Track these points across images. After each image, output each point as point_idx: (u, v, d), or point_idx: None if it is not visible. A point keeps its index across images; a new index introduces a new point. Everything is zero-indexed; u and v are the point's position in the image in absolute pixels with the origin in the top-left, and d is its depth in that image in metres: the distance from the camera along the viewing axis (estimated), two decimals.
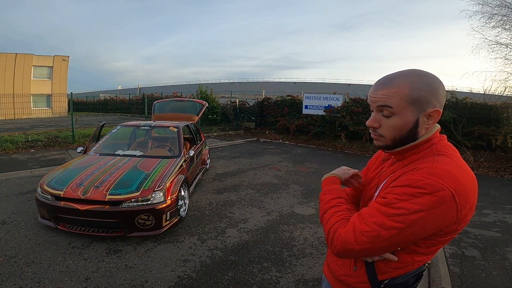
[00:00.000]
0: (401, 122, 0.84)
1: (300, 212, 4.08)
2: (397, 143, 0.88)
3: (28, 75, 22.44)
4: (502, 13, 8.06)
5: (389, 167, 0.99)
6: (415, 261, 0.87)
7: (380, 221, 0.78)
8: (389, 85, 0.84)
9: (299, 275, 2.63)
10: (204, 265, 2.71)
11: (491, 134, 7.58)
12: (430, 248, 0.84)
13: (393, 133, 0.87)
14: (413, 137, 0.87)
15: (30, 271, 2.50)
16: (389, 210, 0.78)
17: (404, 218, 0.75)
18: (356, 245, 0.80)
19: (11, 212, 3.73)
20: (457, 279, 2.69)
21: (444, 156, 0.82)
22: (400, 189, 0.79)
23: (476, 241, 3.44)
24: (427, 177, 0.75)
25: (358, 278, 0.94)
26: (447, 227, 0.77)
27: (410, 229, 0.76)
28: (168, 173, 3.49)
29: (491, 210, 4.47)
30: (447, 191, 0.73)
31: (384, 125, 0.87)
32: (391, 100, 0.83)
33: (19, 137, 8.60)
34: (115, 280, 2.43)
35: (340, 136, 9.91)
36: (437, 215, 0.74)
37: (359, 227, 0.81)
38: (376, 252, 0.83)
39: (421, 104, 0.82)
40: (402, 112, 0.83)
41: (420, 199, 0.74)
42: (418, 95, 0.81)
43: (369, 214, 0.81)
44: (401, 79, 0.83)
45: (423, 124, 0.85)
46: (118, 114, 21.90)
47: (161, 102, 6.48)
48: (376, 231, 0.78)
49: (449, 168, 0.77)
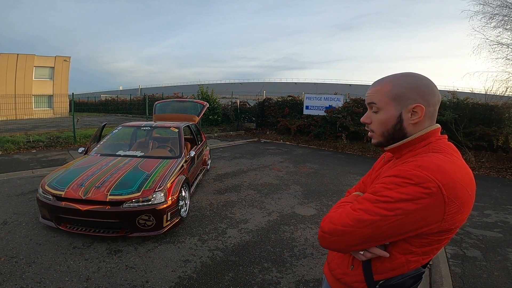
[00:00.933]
0: (385, 116, 0.91)
1: (301, 213, 4.07)
2: (388, 138, 0.93)
3: (30, 75, 22.52)
4: (503, 13, 8.05)
5: (389, 167, 0.99)
6: (410, 261, 0.86)
7: (365, 207, 0.82)
8: (376, 84, 0.94)
9: (300, 275, 2.63)
10: (205, 265, 2.71)
11: (493, 134, 7.55)
12: (424, 247, 0.84)
13: (381, 128, 0.93)
14: (400, 132, 0.91)
15: (31, 271, 2.51)
16: (374, 197, 0.82)
17: (388, 205, 0.78)
18: (339, 225, 0.84)
19: (12, 212, 3.74)
20: (459, 280, 2.69)
21: (439, 153, 0.83)
22: (388, 179, 0.82)
23: (477, 242, 3.43)
24: (413, 169, 0.78)
25: (355, 277, 0.95)
26: (435, 223, 0.77)
27: (393, 217, 0.77)
28: (169, 174, 3.49)
29: (493, 210, 4.46)
30: (433, 183, 0.74)
31: (373, 120, 0.95)
32: (375, 97, 0.93)
33: (21, 138, 8.64)
34: (116, 280, 2.43)
35: (341, 136, 9.91)
36: (422, 208, 0.75)
37: (346, 210, 0.87)
38: (357, 240, 0.83)
39: (401, 100, 0.88)
40: (385, 107, 0.91)
41: (405, 189, 0.77)
42: (398, 91, 0.88)
43: (358, 202, 0.86)
44: (387, 79, 0.92)
45: (407, 120, 0.89)
46: (119, 114, 21.97)
47: (162, 102, 6.49)
48: (359, 215, 0.82)
49: (439, 162, 0.78)
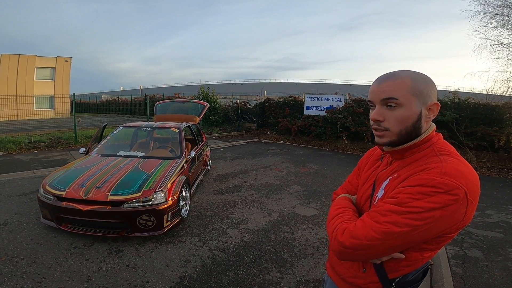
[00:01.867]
0: (407, 113, 0.85)
1: (301, 213, 4.07)
2: (403, 137, 0.88)
3: (31, 76, 22.58)
4: (504, 13, 8.03)
5: (387, 167, 0.98)
6: (424, 257, 0.88)
7: (392, 219, 0.78)
8: (393, 78, 0.87)
9: (300, 275, 2.62)
10: (205, 265, 2.71)
11: (494, 134, 7.53)
12: (439, 244, 0.86)
13: (399, 126, 0.87)
14: (417, 131, 0.88)
15: (32, 271, 2.51)
16: (402, 208, 0.78)
17: (419, 216, 0.76)
18: (365, 240, 0.80)
19: (13, 213, 3.75)
20: (459, 280, 2.68)
21: (448, 156, 0.84)
22: (413, 189, 0.79)
23: (478, 242, 3.41)
24: (440, 177, 0.77)
25: (368, 278, 0.94)
26: (457, 223, 0.78)
27: (423, 227, 0.76)
28: (170, 174, 3.49)
29: (494, 210, 4.44)
30: (461, 189, 0.75)
31: (389, 118, 0.87)
32: (396, 92, 0.85)
33: (22, 138, 8.66)
34: (116, 280, 2.43)
35: (342, 137, 9.89)
36: (450, 213, 0.75)
37: (369, 223, 0.81)
38: (383, 251, 0.82)
39: (422, 96, 0.85)
40: (408, 103, 0.85)
41: (435, 198, 0.75)
42: (420, 87, 0.85)
43: (380, 213, 0.81)
44: (403, 73, 0.87)
45: (425, 117, 0.88)
46: (120, 115, 22.01)
47: (163, 103, 6.49)
48: (388, 228, 0.78)
49: (459, 167, 0.79)
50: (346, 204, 1.04)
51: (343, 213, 0.97)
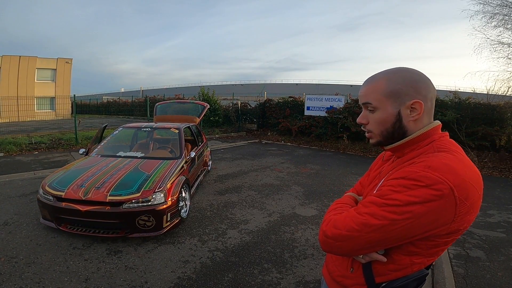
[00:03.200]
0: (383, 115, 0.87)
1: (301, 213, 4.05)
2: (387, 137, 0.89)
3: (32, 77, 22.64)
4: (504, 13, 8.02)
5: (389, 165, 0.97)
6: (414, 263, 0.82)
7: (371, 211, 0.77)
8: (369, 82, 0.89)
9: (300, 276, 2.60)
10: (204, 266, 2.70)
11: (495, 134, 7.50)
12: (431, 249, 0.80)
13: (379, 127, 0.89)
14: (400, 131, 0.86)
15: (31, 272, 2.51)
16: (382, 200, 0.77)
17: (398, 209, 0.73)
18: (344, 230, 0.80)
19: (13, 213, 3.75)
20: (462, 280, 2.66)
21: (445, 152, 0.79)
22: (395, 181, 0.78)
23: (480, 242, 3.39)
24: (423, 170, 0.73)
25: (355, 279, 0.91)
26: (445, 225, 0.73)
27: (402, 222, 0.73)
28: (169, 174, 3.48)
29: (496, 210, 4.42)
30: (445, 184, 0.70)
31: (370, 120, 0.90)
32: (369, 96, 0.88)
33: (23, 139, 8.67)
34: (115, 281, 2.42)
35: (343, 137, 9.88)
36: (433, 210, 0.71)
37: (352, 214, 0.82)
38: (362, 244, 0.79)
39: (398, 97, 0.84)
40: (382, 106, 0.86)
41: (415, 191, 0.72)
42: (394, 88, 0.84)
43: (363, 205, 0.82)
44: (379, 76, 0.88)
45: (407, 117, 0.85)
46: (121, 116, 22.05)
47: (163, 104, 6.49)
48: (366, 220, 0.77)
49: (449, 162, 0.74)
50: (347, 201, 1.03)
51: (340, 208, 0.96)
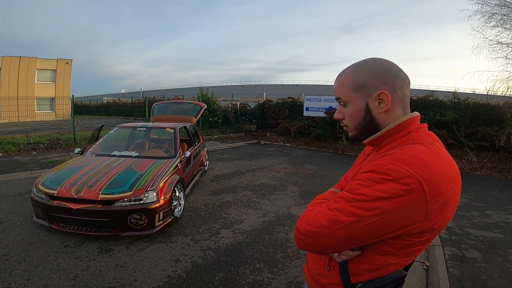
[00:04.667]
0: (353, 109, 0.86)
1: (297, 213, 4.02)
2: (361, 131, 0.87)
3: (32, 78, 22.72)
4: (502, 13, 7.99)
5: (368, 159, 0.96)
6: (389, 263, 0.79)
7: (340, 206, 0.75)
8: (339, 77, 0.88)
9: (292, 276, 2.57)
10: (196, 265, 2.67)
11: (494, 134, 7.46)
12: (406, 249, 0.77)
13: (353, 121, 0.88)
14: (372, 124, 0.84)
15: (20, 269, 2.49)
16: (350, 195, 0.74)
17: (364, 204, 0.70)
18: (315, 226, 0.77)
19: (8, 212, 3.74)
20: (456, 282, 2.62)
21: (419, 144, 0.76)
22: (364, 175, 0.75)
23: (477, 243, 3.35)
24: (391, 163, 0.70)
25: (331, 278, 0.89)
26: (416, 222, 0.69)
27: (370, 218, 0.70)
28: (162, 173, 3.47)
29: (494, 211, 4.37)
30: (413, 178, 0.66)
31: (345, 115, 0.89)
32: (339, 91, 0.87)
33: (22, 140, 8.67)
34: (104, 279, 2.40)
35: (341, 138, 9.85)
36: (401, 206, 0.67)
37: (322, 210, 0.79)
38: (333, 242, 0.76)
39: (364, 89, 0.82)
40: (351, 100, 0.85)
41: (382, 186, 0.69)
42: (359, 81, 0.83)
43: (334, 200, 0.79)
44: (347, 70, 0.87)
45: (376, 109, 0.83)
46: (120, 117, 22.07)
47: (160, 104, 6.49)
48: (334, 216, 0.74)
49: (420, 154, 0.71)
50: (327, 196, 1.00)
51: (318, 204, 0.92)
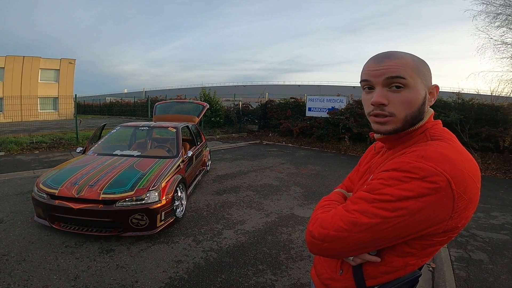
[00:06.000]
0: (414, 95, 0.74)
1: (300, 214, 3.98)
2: (408, 123, 0.76)
3: (35, 78, 22.83)
4: (507, 13, 7.92)
5: (380, 158, 0.91)
6: (408, 264, 0.75)
7: (361, 207, 0.69)
8: (394, 57, 0.75)
9: (295, 278, 2.53)
10: (197, 266, 2.64)
11: (499, 135, 7.36)
12: (426, 249, 0.73)
13: (405, 110, 0.75)
14: (421, 116, 0.77)
15: (20, 269, 2.47)
16: (372, 195, 0.69)
17: (389, 205, 0.65)
18: (332, 230, 0.72)
19: (9, 211, 3.73)
20: (463, 284, 2.56)
21: (439, 140, 0.72)
22: (386, 174, 0.70)
23: (483, 244, 3.29)
24: (416, 160, 0.66)
25: (344, 282, 0.84)
26: (442, 222, 0.65)
27: (395, 219, 0.65)
28: (164, 173, 3.43)
29: (499, 212, 4.31)
30: (441, 176, 0.63)
31: (394, 101, 0.74)
32: (402, 70, 0.73)
33: (24, 139, 8.69)
34: (105, 280, 2.37)
35: (344, 138, 9.78)
36: (429, 206, 0.63)
37: (340, 212, 0.74)
38: (351, 245, 0.71)
39: (425, 77, 0.76)
40: (414, 83, 0.74)
41: (408, 185, 0.64)
42: (421, 67, 0.75)
43: (352, 201, 0.74)
44: (402, 53, 0.77)
45: (427, 102, 0.78)
46: (123, 117, 22.11)
47: (162, 104, 6.48)
48: (355, 218, 0.69)
49: (444, 151, 0.67)
50: (335, 197, 0.96)
51: (328, 205, 0.89)
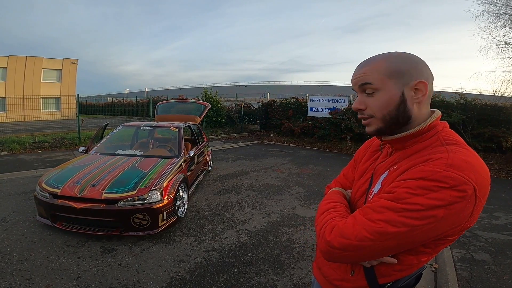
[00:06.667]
0: (386, 96, 0.79)
1: (301, 214, 3.97)
2: (390, 122, 0.81)
3: (38, 77, 22.91)
4: (510, 13, 7.88)
5: (387, 158, 0.89)
6: (421, 261, 0.79)
7: (387, 217, 0.69)
8: (367, 63, 0.82)
9: (297, 278, 2.52)
10: (199, 266, 2.64)
11: (502, 136, 7.34)
12: (439, 247, 0.76)
13: (381, 111, 0.80)
14: (405, 114, 0.79)
15: (22, 268, 2.47)
16: (399, 205, 0.68)
17: (418, 214, 0.66)
18: (355, 240, 0.70)
19: (11, 211, 3.74)
20: (466, 284, 2.55)
21: (456, 146, 0.73)
22: (413, 182, 0.69)
23: (486, 245, 3.28)
24: (445, 169, 0.66)
25: (356, 282, 0.85)
26: (461, 224, 0.68)
27: (423, 227, 0.66)
28: (166, 173, 3.44)
29: (502, 212, 4.29)
30: (469, 185, 0.64)
31: (370, 104, 0.82)
32: (369, 76, 0.80)
33: (27, 138, 8.72)
34: (106, 279, 2.37)
35: (346, 138, 9.77)
36: (456, 212, 0.65)
37: (361, 221, 0.72)
38: (374, 253, 0.72)
39: (401, 77, 0.78)
40: (383, 86, 0.79)
41: (437, 194, 0.65)
42: (395, 67, 0.78)
43: (374, 210, 0.72)
44: (379, 57, 0.82)
45: (411, 99, 0.78)
46: (125, 117, 22.15)
47: (164, 103, 6.48)
48: (382, 228, 0.68)
49: (467, 158, 0.68)
50: (338, 198, 0.95)
51: (334, 208, 0.88)
